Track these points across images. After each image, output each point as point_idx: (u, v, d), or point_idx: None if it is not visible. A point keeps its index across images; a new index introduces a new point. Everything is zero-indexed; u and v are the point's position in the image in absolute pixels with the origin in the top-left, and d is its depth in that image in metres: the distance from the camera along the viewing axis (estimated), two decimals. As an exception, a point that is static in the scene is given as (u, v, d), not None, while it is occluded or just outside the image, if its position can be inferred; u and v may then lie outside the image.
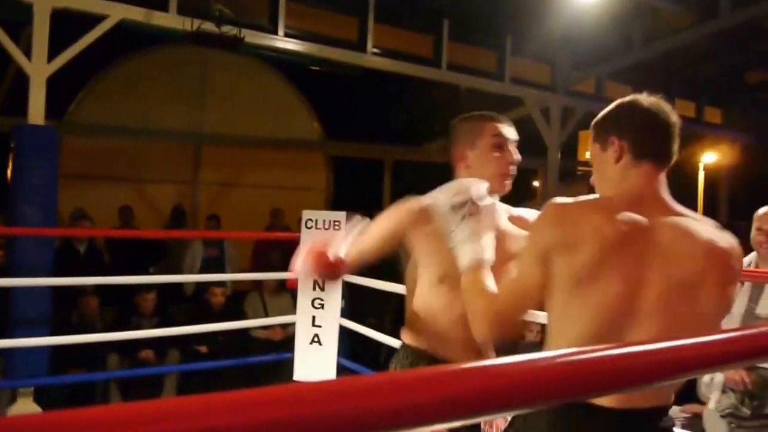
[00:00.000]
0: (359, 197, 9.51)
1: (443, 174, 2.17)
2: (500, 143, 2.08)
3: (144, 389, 5.30)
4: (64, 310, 5.52)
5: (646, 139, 1.60)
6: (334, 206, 9.19)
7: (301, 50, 6.95)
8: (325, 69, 9.05)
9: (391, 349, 3.49)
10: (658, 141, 1.61)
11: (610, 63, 9.02)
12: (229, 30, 5.86)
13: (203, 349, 5.70)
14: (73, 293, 5.63)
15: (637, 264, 1.49)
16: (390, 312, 6.63)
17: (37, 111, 5.28)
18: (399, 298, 3.69)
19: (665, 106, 1.63)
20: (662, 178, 1.62)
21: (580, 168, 12.77)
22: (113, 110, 8.71)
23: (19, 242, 5.21)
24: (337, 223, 4.65)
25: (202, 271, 6.95)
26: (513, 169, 2.09)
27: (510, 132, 2.11)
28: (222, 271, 7.00)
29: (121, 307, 5.96)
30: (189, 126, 9.23)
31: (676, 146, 1.62)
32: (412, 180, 12.08)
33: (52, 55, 5.38)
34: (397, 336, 2.40)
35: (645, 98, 1.63)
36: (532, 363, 0.79)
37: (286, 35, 6.75)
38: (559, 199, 1.58)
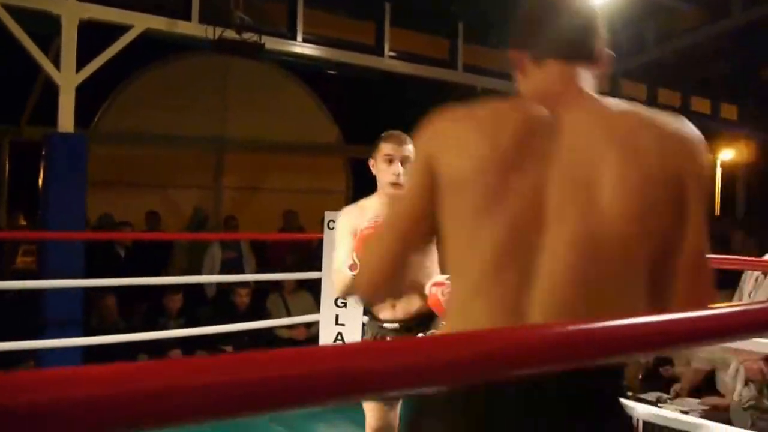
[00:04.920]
0: (379, 198, 9.57)
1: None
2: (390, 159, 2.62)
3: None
4: (88, 312, 5.67)
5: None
6: (354, 208, 9.28)
7: (320, 55, 7.09)
8: (342, 74, 9.16)
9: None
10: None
11: (623, 62, 9.07)
12: (250, 37, 5.98)
13: (229, 348, 5.84)
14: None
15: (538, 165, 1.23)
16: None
17: (66, 120, 5.44)
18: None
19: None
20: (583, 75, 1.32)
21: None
22: (138, 119, 8.85)
23: (50, 247, 5.38)
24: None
25: (222, 272, 7.08)
26: (398, 178, 2.57)
27: (398, 149, 2.60)
28: (241, 272, 7.12)
29: (148, 309, 6.11)
30: (211, 132, 9.37)
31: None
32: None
33: (79, 66, 5.54)
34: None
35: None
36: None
37: (305, 41, 6.88)
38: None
